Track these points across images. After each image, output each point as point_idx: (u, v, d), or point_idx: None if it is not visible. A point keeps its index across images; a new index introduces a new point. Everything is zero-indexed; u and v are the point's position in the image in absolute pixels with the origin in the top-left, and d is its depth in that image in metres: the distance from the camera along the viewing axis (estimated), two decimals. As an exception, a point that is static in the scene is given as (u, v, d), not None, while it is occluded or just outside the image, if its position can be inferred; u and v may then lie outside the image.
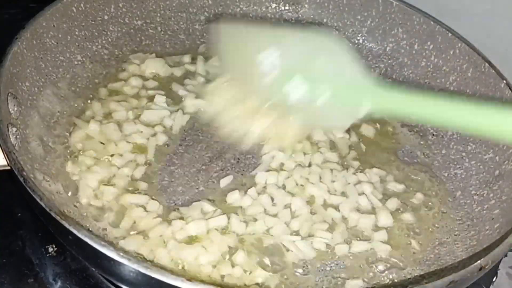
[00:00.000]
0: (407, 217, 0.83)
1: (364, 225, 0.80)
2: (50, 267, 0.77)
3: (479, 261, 0.61)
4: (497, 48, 1.02)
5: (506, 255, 0.94)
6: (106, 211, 0.77)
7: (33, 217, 0.82)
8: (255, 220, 0.78)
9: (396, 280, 0.74)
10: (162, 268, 0.53)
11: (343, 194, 0.84)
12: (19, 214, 0.83)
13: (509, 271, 0.95)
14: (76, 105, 0.90)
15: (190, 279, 0.51)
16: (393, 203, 0.84)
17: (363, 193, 0.85)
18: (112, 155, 0.84)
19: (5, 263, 0.76)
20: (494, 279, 0.84)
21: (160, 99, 0.94)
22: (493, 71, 0.92)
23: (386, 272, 0.75)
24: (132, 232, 0.74)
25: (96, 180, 0.80)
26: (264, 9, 1.18)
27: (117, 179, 0.81)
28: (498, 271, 0.86)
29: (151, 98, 0.94)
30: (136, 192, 0.80)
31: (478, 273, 0.61)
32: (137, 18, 1.07)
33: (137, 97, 0.94)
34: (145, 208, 0.78)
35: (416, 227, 0.82)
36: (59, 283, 0.75)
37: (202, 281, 0.52)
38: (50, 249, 0.78)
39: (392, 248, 0.78)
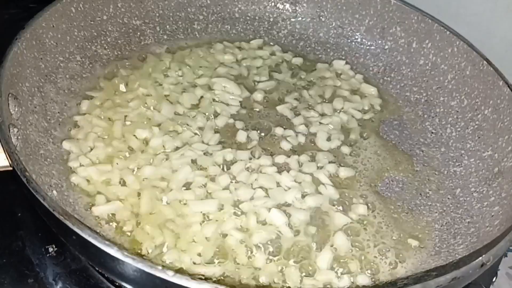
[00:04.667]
0: (407, 215, 0.84)
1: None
2: (50, 267, 0.76)
3: (480, 258, 0.61)
4: (496, 48, 1.03)
5: (506, 255, 0.95)
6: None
7: (33, 217, 0.81)
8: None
9: (398, 278, 0.75)
10: (166, 267, 0.53)
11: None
12: (19, 214, 0.82)
13: (509, 271, 0.95)
14: (76, 105, 0.90)
15: (195, 278, 0.51)
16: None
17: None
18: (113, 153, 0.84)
19: (5, 263, 0.76)
20: (494, 279, 0.84)
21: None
22: (492, 69, 0.93)
23: (389, 269, 0.76)
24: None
25: (98, 179, 0.80)
26: (262, 8, 1.19)
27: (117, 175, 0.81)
28: (498, 271, 0.86)
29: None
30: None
31: (480, 269, 0.61)
32: (135, 18, 1.08)
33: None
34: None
35: (416, 225, 0.83)
36: (59, 283, 0.75)
37: (206, 280, 0.52)
38: (50, 249, 0.78)
39: (392, 246, 0.79)
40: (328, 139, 0.94)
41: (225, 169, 0.85)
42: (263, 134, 0.93)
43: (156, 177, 0.82)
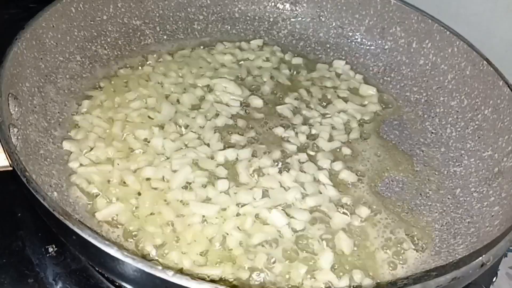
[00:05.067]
0: (407, 215, 0.84)
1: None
2: (50, 267, 0.76)
3: (480, 258, 0.61)
4: (496, 48, 1.03)
5: (506, 255, 0.95)
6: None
7: (33, 217, 0.81)
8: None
9: (398, 278, 0.75)
10: (166, 267, 0.53)
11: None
12: (19, 214, 0.82)
13: (509, 271, 0.95)
14: (76, 105, 0.90)
15: (195, 278, 0.51)
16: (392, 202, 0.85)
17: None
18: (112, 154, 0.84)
19: (5, 263, 0.76)
20: (494, 279, 0.84)
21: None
22: (491, 69, 0.93)
23: (390, 269, 0.76)
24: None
25: (99, 179, 0.80)
26: (262, 8, 1.19)
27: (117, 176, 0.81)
28: (498, 271, 0.86)
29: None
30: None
31: (480, 269, 0.61)
32: (135, 18, 1.08)
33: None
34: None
35: (416, 225, 0.83)
36: (59, 283, 0.75)
37: (207, 280, 0.52)
38: (50, 249, 0.78)
39: (392, 246, 0.79)
40: (329, 139, 0.94)
41: (226, 169, 0.85)
42: (263, 134, 0.93)
43: (157, 177, 0.82)
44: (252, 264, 0.73)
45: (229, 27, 1.16)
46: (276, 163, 0.87)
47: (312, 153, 0.91)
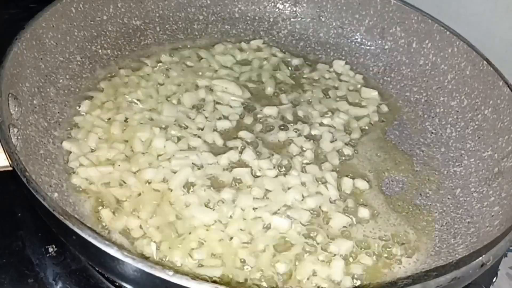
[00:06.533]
0: (407, 215, 0.84)
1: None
2: (50, 267, 0.76)
3: (480, 258, 0.61)
4: (496, 48, 1.03)
5: (506, 255, 0.95)
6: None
7: (33, 217, 0.81)
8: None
9: (398, 278, 0.75)
10: (166, 267, 0.53)
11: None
12: (19, 214, 0.82)
13: (509, 271, 0.95)
14: (76, 105, 0.90)
15: (195, 278, 0.51)
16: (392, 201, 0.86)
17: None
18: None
19: (5, 263, 0.76)
20: (494, 279, 0.84)
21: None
22: (491, 69, 0.93)
23: (389, 270, 0.76)
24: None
25: (99, 180, 0.80)
26: (262, 8, 1.19)
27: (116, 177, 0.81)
28: (498, 272, 0.86)
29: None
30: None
31: (480, 269, 0.61)
32: (135, 18, 1.08)
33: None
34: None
35: (416, 225, 0.83)
36: (59, 284, 0.75)
37: (206, 280, 0.52)
38: (50, 249, 0.78)
39: (392, 246, 0.79)
40: (330, 140, 0.94)
41: (227, 171, 0.85)
42: (264, 135, 0.93)
43: (158, 179, 0.81)
44: (254, 264, 0.73)
45: (229, 27, 1.16)
46: (277, 164, 0.87)
47: (313, 154, 0.91)
